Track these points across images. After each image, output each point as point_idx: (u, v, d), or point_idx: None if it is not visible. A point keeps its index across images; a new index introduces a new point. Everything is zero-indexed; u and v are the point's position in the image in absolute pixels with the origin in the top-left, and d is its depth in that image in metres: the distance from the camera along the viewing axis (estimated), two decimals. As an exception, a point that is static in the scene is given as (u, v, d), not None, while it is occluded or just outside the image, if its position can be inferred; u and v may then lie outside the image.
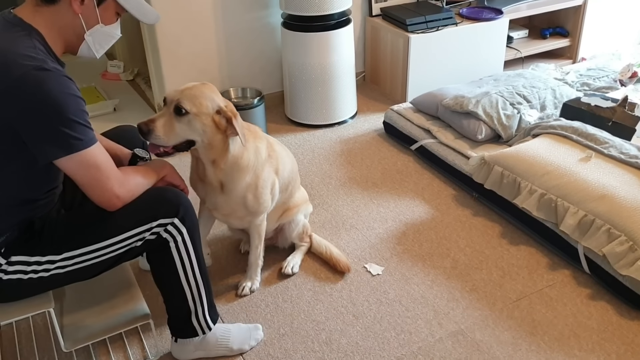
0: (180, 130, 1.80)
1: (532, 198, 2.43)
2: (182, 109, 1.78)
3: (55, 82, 1.45)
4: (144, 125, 1.77)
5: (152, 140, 1.78)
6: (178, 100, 1.78)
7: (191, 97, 1.79)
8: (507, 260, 2.39)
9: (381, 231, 2.58)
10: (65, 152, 1.48)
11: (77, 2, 1.54)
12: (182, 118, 1.79)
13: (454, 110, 3.00)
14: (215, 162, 1.93)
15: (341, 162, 3.12)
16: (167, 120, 1.78)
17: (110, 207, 1.61)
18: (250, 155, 1.98)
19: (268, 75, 3.68)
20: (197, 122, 1.80)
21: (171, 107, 1.79)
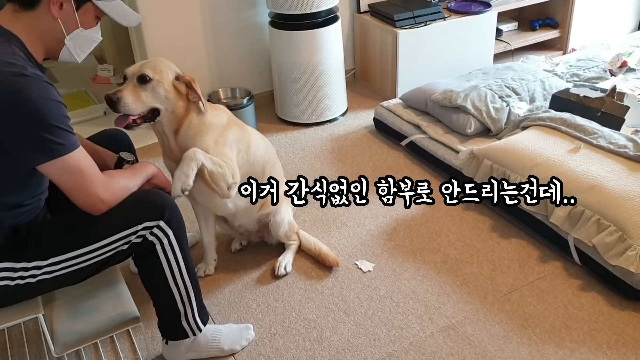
0: (145, 97, 1.85)
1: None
2: (146, 76, 1.84)
3: (35, 87, 1.45)
4: (113, 95, 1.81)
5: (121, 109, 1.83)
6: (139, 70, 1.85)
7: (151, 66, 1.87)
8: (498, 254, 2.39)
9: (372, 228, 2.58)
10: (47, 157, 1.48)
11: (55, 7, 1.54)
12: (147, 86, 1.85)
13: (443, 104, 3.00)
14: (178, 131, 1.96)
15: (332, 160, 3.11)
16: (132, 90, 1.84)
17: (95, 212, 1.60)
18: (212, 117, 2.02)
19: (257, 74, 3.68)
20: (160, 88, 1.86)
21: (134, 78, 1.85)
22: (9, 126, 1.44)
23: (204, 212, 2.30)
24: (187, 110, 1.94)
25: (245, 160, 2.13)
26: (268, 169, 2.25)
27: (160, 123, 1.94)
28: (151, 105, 1.87)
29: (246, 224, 2.36)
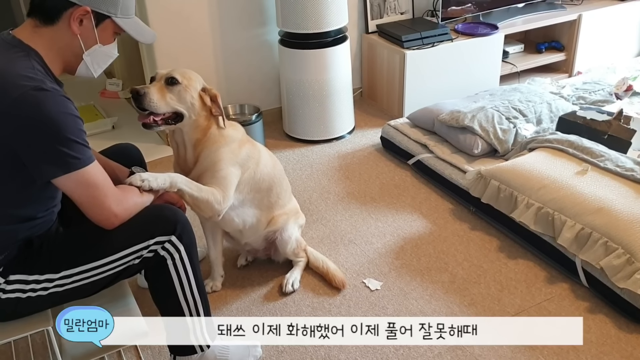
0: (170, 99, 1.90)
1: (529, 212, 2.44)
2: (175, 79, 1.90)
3: (54, 101, 1.47)
4: (140, 89, 1.86)
5: (145, 105, 1.87)
6: (169, 73, 1.92)
7: (181, 72, 1.94)
8: (505, 274, 2.40)
9: (379, 246, 2.59)
10: (63, 171, 1.49)
11: (75, 23, 1.56)
12: (174, 88, 1.91)
13: (450, 125, 3.02)
14: (198, 142, 2.00)
15: (339, 177, 3.13)
16: (159, 88, 1.90)
17: (108, 226, 1.61)
18: (230, 132, 2.08)
19: (266, 92, 3.71)
20: (186, 93, 1.92)
21: (162, 79, 1.91)
22: (27, 139, 1.46)
23: (212, 228, 2.31)
24: (209, 122, 2.01)
25: (251, 178, 2.14)
26: (275, 186, 2.27)
27: (180, 131, 1.98)
28: (175, 108, 1.92)
29: (253, 242, 2.37)
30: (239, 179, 2.08)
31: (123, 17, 1.65)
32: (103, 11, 1.59)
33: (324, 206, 2.88)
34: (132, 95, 1.87)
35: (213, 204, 1.95)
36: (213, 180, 1.99)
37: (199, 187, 1.92)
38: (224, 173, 2.01)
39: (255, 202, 2.22)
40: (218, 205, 1.97)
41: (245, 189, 2.14)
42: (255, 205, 2.23)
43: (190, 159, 2.02)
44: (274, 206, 2.30)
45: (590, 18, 4.07)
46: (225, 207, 2.02)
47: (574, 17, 4.06)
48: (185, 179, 1.88)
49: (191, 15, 3.30)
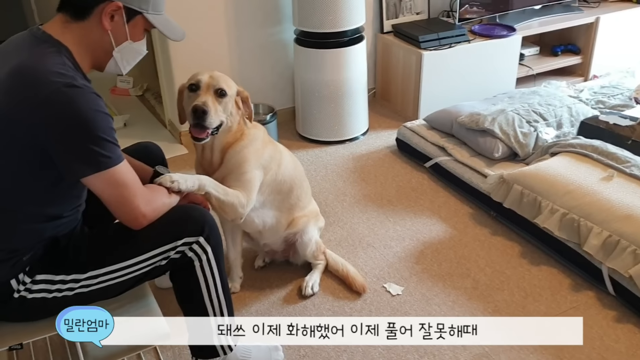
0: (220, 111, 1.89)
1: (554, 218, 2.40)
2: (224, 91, 1.88)
3: (85, 99, 1.42)
4: (205, 107, 1.83)
5: (207, 122, 1.84)
6: (217, 83, 1.88)
7: (224, 80, 1.91)
8: (529, 281, 2.35)
9: (399, 250, 2.54)
10: (93, 169, 1.45)
11: (107, 19, 1.52)
12: (222, 100, 1.89)
13: (470, 127, 2.97)
14: (228, 145, 1.98)
15: (355, 179, 3.08)
16: (213, 102, 1.86)
17: (136, 226, 1.57)
18: (255, 132, 2.05)
19: (280, 91, 3.66)
20: (230, 103, 1.92)
21: (210, 90, 1.87)
22: (59, 137, 1.41)
23: (232, 229, 2.26)
24: (240, 126, 2.00)
25: (273, 180, 2.11)
26: (296, 187, 2.22)
27: (212, 137, 1.94)
28: (221, 119, 1.89)
29: (272, 243, 2.33)
30: (261, 181, 2.05)
31: (154, 14, 1.61)
32: (135, 7, 1.55)
33: (341, 208, 2.84)
34: (195, 112, 1.83)
35: (237, 207, 1.92)
36: (238, 183, 1.96)
37: (225, 191, 1.89)
38: (248, 176, 1.99)
39: (276, 204, 2.18)
40: (242, 209, 1.95)
41: (267, 190, 2.10)
42: (276, 207, 2.19)
43: (217, 161, 1.99)
44: (294, 208, 2.26)
45: (608, 21, 4.04)
46: (248, 210, 1.99)
47: (591, 20, 4.02)
48: (213, 182, 1.85)
49: (206, 12, 3.25)
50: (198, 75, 1.89)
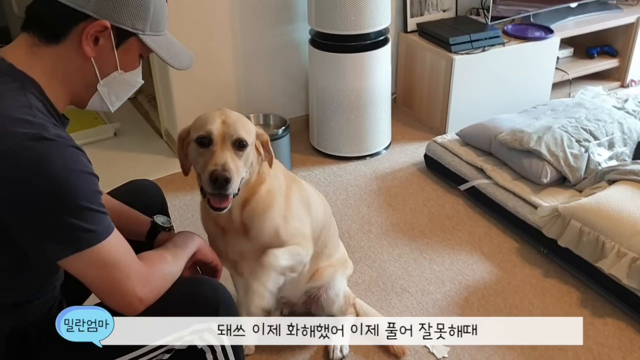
0: (240, 167, 1.45)
1: (622, 263, 2.05)
2: (244, 141, 1.44)
3: (59, 155, 1.05)
4: (226, 173, 1.38)
5: (230, 190, 1.42)
6: (234, 133, 1.43)
7: (241, 124, 1.46)
8: (594, 338, 2.00)
9: (439, 297, 2.18)
10: (72, 249, 1.08)
11: (88, 43, 1.14)
12: (242, 152, 1.45)
13: (512, 147, 2.60)
14: (246, 201, 1.56)
15: (380, 204, 2.71)
16: (233, 160, 1.42)
17: (130, 313, 1.20)
18: (273, 181, 1.61)
19: (290, 98, 3.27)
20: (251, 153, 1.49)
21: (227, 142, 1.43)
22: (22, 208, 1.04)
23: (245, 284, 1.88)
24: (260, 174, 1.56)
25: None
26: (324, 233, 1.86)
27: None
28: (242, 176, 1.48)
29: (291, 296, 1.96)
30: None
31: (153, 34, 1.22)
32: (127, 27, 1.17)
33: (367, 241, 2.47)
34: (218, 183, 1.39)
35: (303, 261, 1.68)
36: (286, 242, 1.62)
37: (289, 254, 1.60)
38: (291, 229, 1.63)
39: None
40: (307, 259, 1.70)
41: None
42: None
43: (237, 218, 1.57)
44: (319, 256, 1.88)
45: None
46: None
47: (632, 20, 3.64)
48: (277, 259, 1.56)
49: (209, 9, 2.85)
50: (208, 125, 1.43)
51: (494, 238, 2.49)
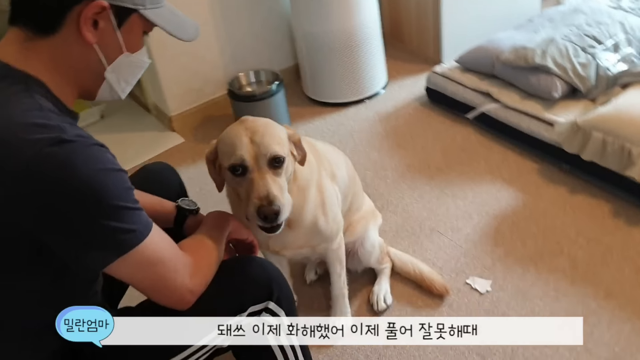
0: (283, 185, 1.33)
1: (652, 168, 2.00)
2: (281, 158, 1.31)
3: (83, 156, 0.95)
4: (274, 207, 1.26)
5: (281, 221, 1.30)
6: (268, 151, 1.29)
7: (271, 136, 1.32)
8: (634, 248, 1.97)
9: (469, 231, 2.13)
10: (116, 254, 1.00)
11: (88, 28, 1.02)
12: (280, 170, 1.32)
13: (517, 65, 2.50)
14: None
15: (390, 146, 2.63)
16: (274, 182, 1.29)
17: (183, 307, 1.14)
18: (305, 170, 1.50)
19: (276, 49, 3.13)
20: (289, 164, 1.37)
21: (263, 164, 1.29)
22: (56, 222, 0.95)
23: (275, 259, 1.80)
24: (295, 173, 1.44)
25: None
26: (351, 190, 1.78)
27: None
28: (285, 189, 1.35)
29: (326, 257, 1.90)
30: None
31: (153, 7, 1.11)
32: (127, 4, 1.05)
33: (385, 187, 2.40)
34: (269, 219, 1.27)
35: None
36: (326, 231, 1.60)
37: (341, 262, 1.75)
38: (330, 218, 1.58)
39: None
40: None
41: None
42: None
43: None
44: (350, 211, 1.82)
45: None
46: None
47: None
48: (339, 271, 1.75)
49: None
50: (237, 150, 1.28)
51: (512, 163, 2.42)
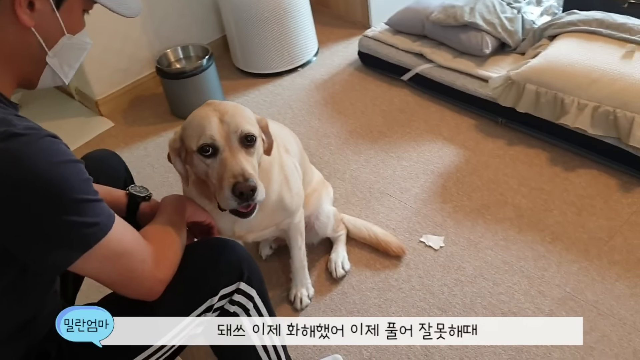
0: (256, 166, 1.30)
1: (584, 114, 2.09)
2: (252, 136, 1.28)
3: (37, 150, 0.89)
4: (250, 182, 1.22)
5: (258, 199, 1.26)
6: (239, 128, 1.26)
7: (240, 114, 1.29)
8: (573, 192, 2.07)
9: (417, 191, 2.17)
10: (81, 249, 0.95)
11: (23, 10, 0.94)
12: (253, 149, 1.29)
13: (447, 24, 2.54)
14: None
15: (330, 114, 2.62)
16: (247, 162, 1.26)
17: (152, 297, 1.10)
18: (266, 159, 1.46)
19: (202, 22, 3.02)
20: (259, 144, 1.34)
21: (234, 142, 1.26)
22: (14, 223, 0.89)
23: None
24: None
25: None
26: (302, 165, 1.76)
27: None
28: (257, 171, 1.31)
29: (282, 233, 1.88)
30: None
31: None
32: None
33: (329, 155, 2.39)
34: (245, 195, 1.22)
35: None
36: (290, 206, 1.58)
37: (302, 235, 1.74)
38: (294, 193, 1.58)
39: None
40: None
41: None
42: None
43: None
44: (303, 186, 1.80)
45: None
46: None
47: None
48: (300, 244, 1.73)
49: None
50: (206, 130, 1.24)
51: (450, 120, 2.47)
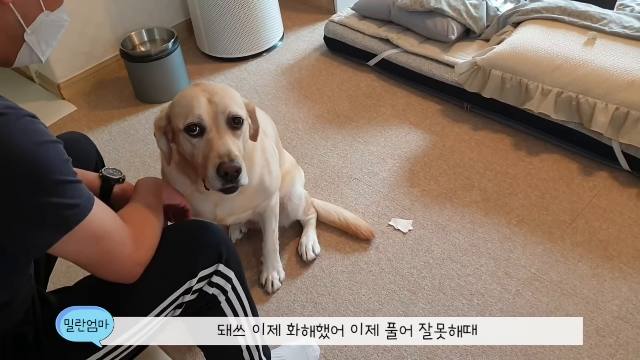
0: (242, 149, 1.30)
1: (548, 100, 2.14)
2: (240, 118, 1.28)
3: (16, 130, 0.87)
4: (235, 163, 1.22)
5: (242, 182, 1.25)
6: (227, 109, 1.26)
7: (228, 96, 1.29)
8: (537, 176, 2.12)
9: (385, 175, 2.19)
10: (61, 232, 0.93)
11: None
12: (240, 131, 1.29)
13: (413, 10, 2.56)
14: None
15: (297, 98, 2.61)
16: (234, 143, 1.26)
17: (130, 280, 1.09)
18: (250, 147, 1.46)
19: (165, 5, 2.96)
20: (246, 127, 1.34)
21: (221, 123, 1.25)
22: None
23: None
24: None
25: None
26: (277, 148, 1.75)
27: None
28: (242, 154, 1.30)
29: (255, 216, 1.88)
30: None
31: None
32: None
33: (297, 140, 2.39)
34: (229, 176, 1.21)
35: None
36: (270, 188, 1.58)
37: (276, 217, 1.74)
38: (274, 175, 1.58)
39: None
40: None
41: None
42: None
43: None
44: None
45: None
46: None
47: None
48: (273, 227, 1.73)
49: None
50: (195, 110, 1.23)
51: (416, 105, 2.50)
